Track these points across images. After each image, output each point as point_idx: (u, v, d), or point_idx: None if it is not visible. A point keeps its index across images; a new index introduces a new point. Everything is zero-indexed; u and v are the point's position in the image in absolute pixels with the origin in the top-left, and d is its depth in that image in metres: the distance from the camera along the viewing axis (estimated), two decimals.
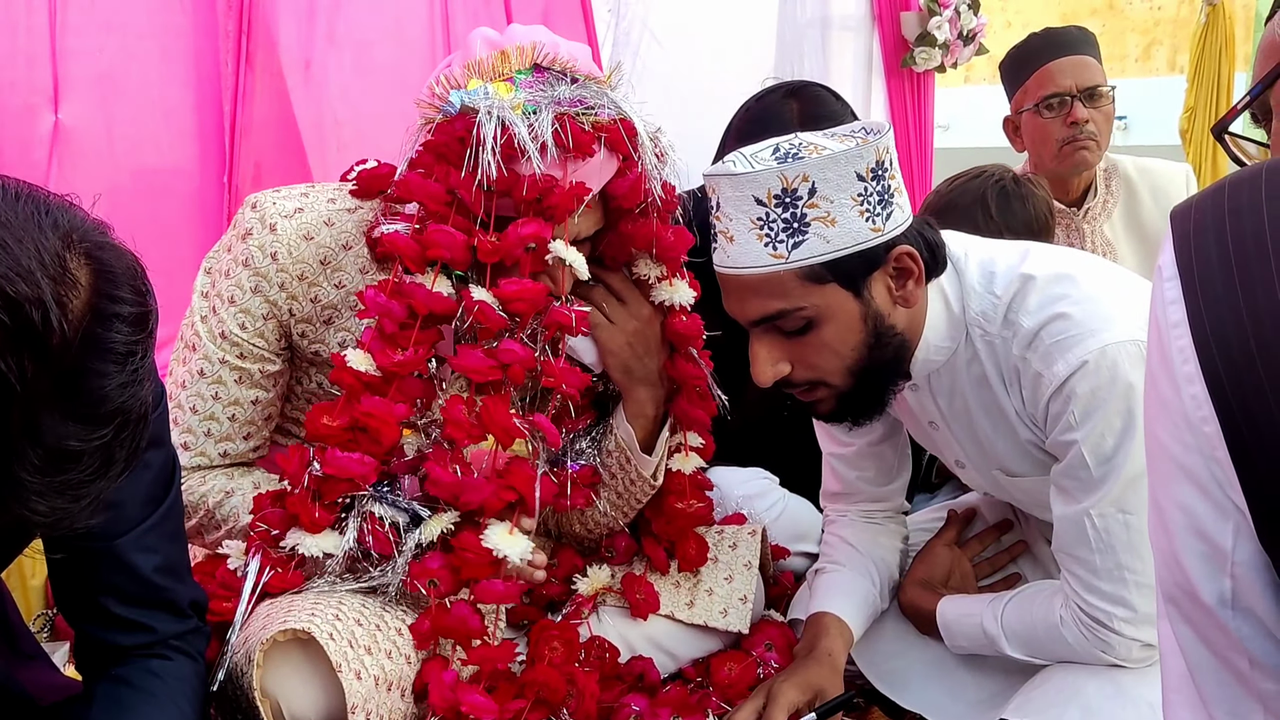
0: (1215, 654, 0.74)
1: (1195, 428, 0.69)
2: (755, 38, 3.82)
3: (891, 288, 1.41)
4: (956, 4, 3.91)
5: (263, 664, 1.26)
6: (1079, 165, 2.58)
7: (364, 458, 1.38)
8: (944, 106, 4.91)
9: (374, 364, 1.41)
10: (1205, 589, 0.72)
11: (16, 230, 0.84)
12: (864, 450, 1.76)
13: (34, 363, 0.83)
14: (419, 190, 1.45)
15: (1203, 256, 0.69)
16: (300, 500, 1.39)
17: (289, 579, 1.40)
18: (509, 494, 1.40)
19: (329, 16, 2.95)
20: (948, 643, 1.63)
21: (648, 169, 1.53)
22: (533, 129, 1.41)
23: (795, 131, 1.41)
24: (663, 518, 1.74)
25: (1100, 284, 1.41)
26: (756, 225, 1.34)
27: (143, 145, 2.75)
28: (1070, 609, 1.45)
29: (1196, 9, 4.41)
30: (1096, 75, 2.57)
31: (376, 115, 2.94)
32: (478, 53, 1.49)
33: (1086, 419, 1.35)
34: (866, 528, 1.79)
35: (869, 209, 1.34)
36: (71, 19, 2.54)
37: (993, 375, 1.48)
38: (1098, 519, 1.38)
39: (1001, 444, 1.54)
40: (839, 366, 1.43)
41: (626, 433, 1.67)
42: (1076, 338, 1.36)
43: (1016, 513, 1.82)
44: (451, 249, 1.43)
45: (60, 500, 0.89)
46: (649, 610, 1.68)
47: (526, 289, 1.44)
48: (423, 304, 1.42)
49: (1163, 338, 0.72)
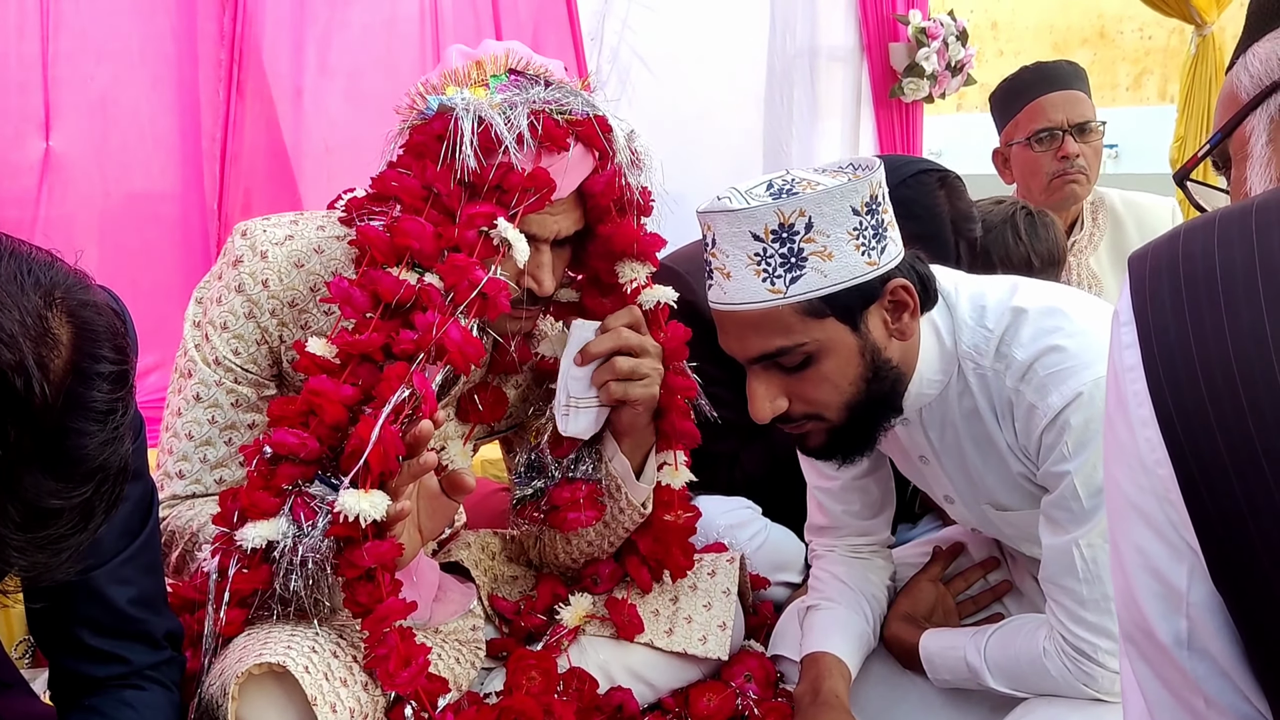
0: (1172, 693, 0.74)
1: (1150, 470, 0.70)
2: (745, 67, 3.85)
3: (887, 321, 1.41)
4: (945, 35, 3.95)
5: (238, 696, 1.26)
6: (1068, 199, 2.61)
7: (301, 434, 1.36)
8: (936, 134, 4.95)
9: (334, 351, 1.40)
10: (1161, 629, 0.73)
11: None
12: (849, 484, 1.76)
13: (16, 426, 0.84)
14: (395, 185, 1.46)
15: (1157, 302, 0.70)
16: (250, 488, 1.37)
17: (254, 575, 1.37)
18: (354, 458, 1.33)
19: (320, 46, 2.98)
20: (930, 676, 1.63)
21: (623, 165, 1.54)
22: (509, 122, 1.42)
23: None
24: (650, 535, 1.74)
25: (1090, 318, 1.42)
26: (754, 261, 1.35)
27: (133, 172, 2.77)
28: (1055, 640, 1.45)
29: (1187, 39, 4.44)
30: (1087, 110, 2.61)
31: (367, 143, 2.95)
32: (454, 64, 1.51)
33: (1080, 450, 1.36)
34: (855, 563, 1.78)
35: (864, 243, 1.35)
36: (63, 47, 2.56)
37: (984, 408, 1.48)
38: (1086, 549, 1.38)
39: (992, 478, 1.54)
40: (837, 401, 1.42)
41: (621, 464, 1.67)
42: (1071, 370, 1.36)
43: (1003, 550, 1.82)
44: (421, 239, 1.42)
45: (40, 555, 0.90)
46: (635, 632, 1.68)
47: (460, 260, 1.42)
48: (388, 291, 1.39)
49: (1119, 381, 0.73)
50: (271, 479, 1.36)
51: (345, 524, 1.31)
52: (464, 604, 1.64)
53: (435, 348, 1.38)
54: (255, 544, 1.34)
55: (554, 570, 1.83)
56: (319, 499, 1.35)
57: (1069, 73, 2.64)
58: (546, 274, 1.54)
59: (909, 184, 2.08)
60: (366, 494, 1.31)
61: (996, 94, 2.74)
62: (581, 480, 1.67)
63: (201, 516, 1.51)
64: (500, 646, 1.68)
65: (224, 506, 1.40)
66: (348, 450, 1.33)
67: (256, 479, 1.37)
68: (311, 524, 1.33)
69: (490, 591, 1.76)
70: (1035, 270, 2.21)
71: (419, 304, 1.40)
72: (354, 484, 1.32)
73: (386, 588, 1.35)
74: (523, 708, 1.51)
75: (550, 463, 1.68)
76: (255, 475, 1.37)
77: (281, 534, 1.34)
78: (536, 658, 1.62)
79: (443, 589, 1.63)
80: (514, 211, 1.45)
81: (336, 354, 1.40)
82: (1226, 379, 0.66)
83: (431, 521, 1.45)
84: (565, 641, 1.68)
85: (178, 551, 1.52)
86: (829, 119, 4.04)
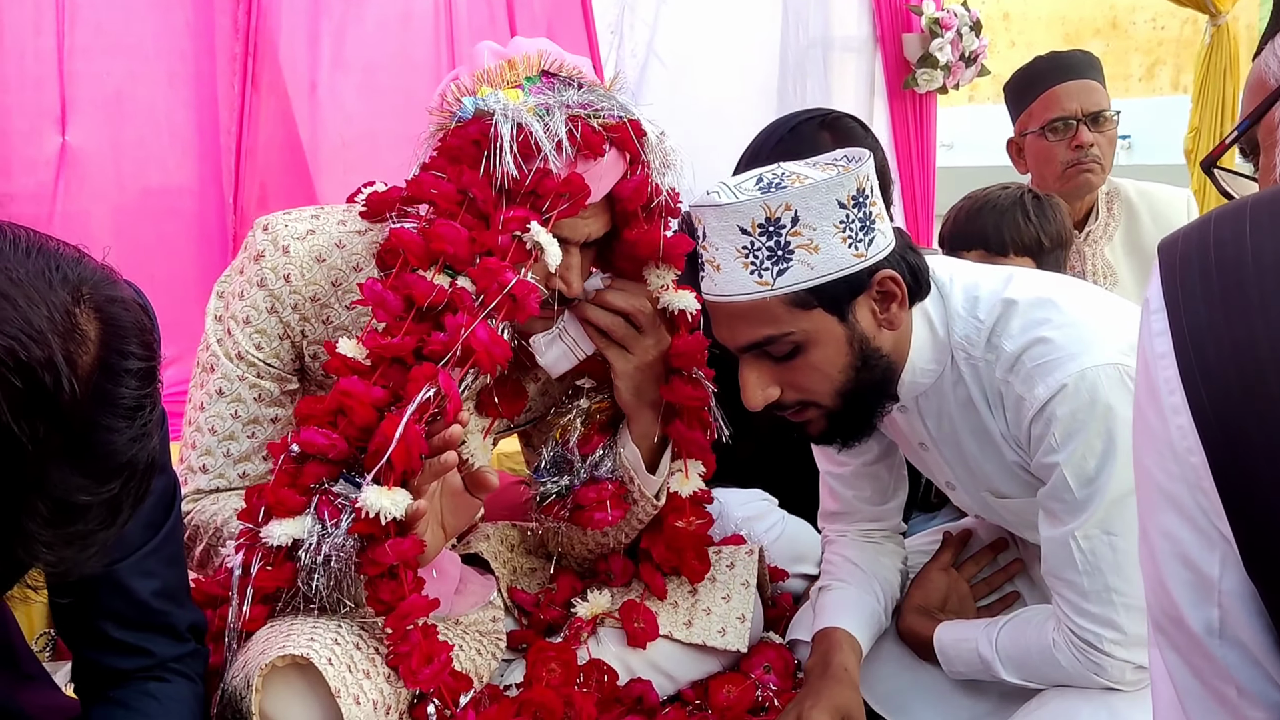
0: (1203, 682, 0.74)
1: (1181, 458, 0.70)
2: (757, 59, 3.84)
3: (876, 311, 1.43)
4: (959, 26, 3.94)
5: (262, 689, 1.27)
6: (1083, 188, 2.60)
7: (330, 434, 1.36)
8: (948, 125, 4.93)
9: (364, 352, 1.41)
10: (1193, 617, 0.73)
11: (28, 289, 0.85)
12: (860, 470, 1.78)
13: (45, 422, 0.84)
14: (431, 189, 1.47)
15: (1188, 288, 0.70)
16: (276, 485, 1.38)
17: (277, 573, 1.37)
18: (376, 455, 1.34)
19: (335, 40, 2.98)
20: (945, 668, 1.64)
21: (654, 169, 1.54)
22: (548, 129, 1.43)
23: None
24: (662, 541, 1.75)
25: (1081, 308, 1.43)
26: (742, 254, 1.37)
27: (148, 166, 2.78)
28: (1062, 632, 1.45)
29: (1200, 29, 4.42)
30: (1101, 99, 2.60)
31: (383, 137, 2.97)
32: (485, 63, 1.51)
33: (1067, 441, 1.37)
34: (867, 547, 1.80)
35: (851, 235, 1.37)
36: (79, 42, 2.57)
37: (978, 398, 1.50)
38: (1083, 541, 1.39)
39: (989, 465, 1.55)
40: (828, 389, 1.45)
41: (633, 453, 1.68)
42: (1056, 361, 1.38)
43: (1011, 534, 1.83)
44: (455, 244, 1.43)
45: (68, 550, 0.90)
46: (647, 639, 1.69)
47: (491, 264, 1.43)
48: (422, 295, 1.40)
49: (1150, 368, 0.72)
50: (298, 477, 1.37)
51: (367, 521, 1.31)
52: (484, 595, 1.65)
53: (463, 349, 1.39)
54: (280, 541, 1.35)
55: (571, 562, 1.83)
56: (343, 497, 1.35)
57: (1083, 62, 2.63)
58: (575, 276, 1.56)
59: (786, 139, 2.11)
60: (389, 491, 1.32)
61: (1011, 83, 2.73)
62: (606, 480, 1.68)
63: (225, 511, 1.52)
64: (520, 638, 1.69)
65: (249, 503, 1.41)
66: (371, 448, 1.33)
67: (283, 476, 1.37)
68: (335, 522, 1.34)
69: (510, 583, 1.77)
70: (1046, 250, 2.23)
71: (449, 306, 1.41)
72: (377, 481, 1.32)
73: (409, 585, 1.36)
74: (543, 700, 1.51)
75: (575, 460, 1.68)
76: (281, 473, 1.37)
77: (306, 532, 1.35)
78: (556, 650, 1.63)
79: (463, 581, 1.63)
80: (547, 216, 1.46)
81: (367, 355, 1.40)
82: (1259, 365, 0.65)
83: (454, 519, 1.46)
84: (584, 633, 1.69)
85: (201, 546, 1.53)
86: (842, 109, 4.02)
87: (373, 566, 1.34)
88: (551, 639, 1.70)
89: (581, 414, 1.74)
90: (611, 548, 1.78)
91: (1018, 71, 2.71)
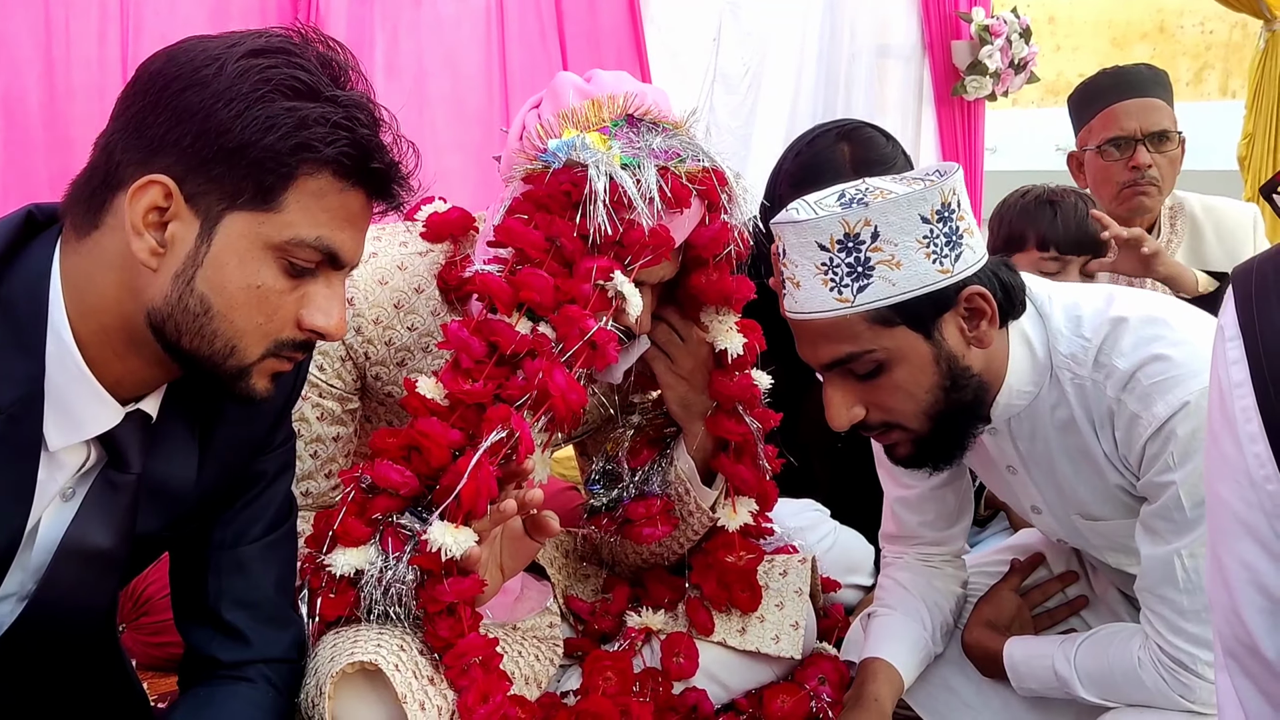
0: (1275, 708, 0.75)
1: (1258, 485, 0.71)
2: (809, 69, 3.84)
3: (964, 329, 1.40)
4: (1008, 33, 3.92)
5: (333, 695, 1.30)
6: (1137, 210, 2.52)
7: (405, 470, 1.39)
8: (992, 130, 4.91)
9: (443, 392, 1.43)
10: (1267, 644, 0.73)
11: None
12: (926, 494, 1.74)
13: None
14: (519, 236, 1.47)
15: (1265, 317, 0.71)
16: (345, 514, 1.40)
17: (339, 601, 1.40)
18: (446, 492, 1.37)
19: (387, 48, 3.01)
20: (1015, 684, 1.62)
21: (734, 220, 1.56)
22: (640, 184, 1.44)
23: (849, 177, 1.42)
24: (714, 577, 1.74)
25: (1192, 327, 1.40)
26: (821, 270, 1.35)
27: None
28: (1150, 650, 1.42)
29: (1249, 33, 4.38)
30: (1164, 119, 2.52)
31: (434, 146, 2.99)
32: (570, 101, 1.51)
33: (1186, 460, 1.34)
34: (922, 570, 1.77)
35: (935, 251, 1.35)
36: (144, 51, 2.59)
37: (1081, 418, 1.46)
38: (1188, 559, 1.36)
39: (1084, 488, 1.52)
40: (914, 409, 1.42)
41: (687, 464, 1.69)
42: (1177, 379, 1.34)
43: (1082, 561, 1.80)
44: (542, 293, 1.44)
45: None
46: (685, 675, 1.68)
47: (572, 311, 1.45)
48: (506, 343, 1.42)
49: (1225, 396, 0.73)
50: (366, 509, 1.40)
51: (427, 555, 1.34)
52: (541, 601, 1.67)
53: (539, 394, 1.40)
54: (344, 571, 1.38)
55: (623, 571, 1.85)
56: (408, 528, 1.38)
57: (1148, 79, 2.56)
58: (647, 315, 1.57)
59: (804, 153, 2.12)
60: (454, 529, 1.34)
61: (1073, 97, 2.67)
62: (655, 495, 1.69)
63: None
64: (576, 646, 1.70)
65: (317, 528, 1.44)
66: (442, 484, 1.36)
67: (353, 506, 1.40)
68: (399, 556, 1.36)
69: (565, 589, 1.79)
70: (1086, 249, 2.23)
71: (530, 352, 1.42)
72: (443, 517, 1.35)
73: (467, 622, 1.38)
74: (600, 710, 1.53)
75: (625, 473, 1.70)
76: (351, 502, 1.40)
77: (370, 563, 1.37)
78: (612, 658, 1.64)
79: (522, 587, 1.65)
80: (631, 266, 1.47)
81: (445, 396, 1.42)
82: None
83: (514, 561, 1.47)
84: (639, 642, 1.70)
85: None
86: (889, 117, 4.01)
87: (432, 604, 1.36)
88: (606, 647, 1.72)
89: (632, 428, 1.76)
90: (665, 559, 1.79)
91: (1080, 85, 2.66)
